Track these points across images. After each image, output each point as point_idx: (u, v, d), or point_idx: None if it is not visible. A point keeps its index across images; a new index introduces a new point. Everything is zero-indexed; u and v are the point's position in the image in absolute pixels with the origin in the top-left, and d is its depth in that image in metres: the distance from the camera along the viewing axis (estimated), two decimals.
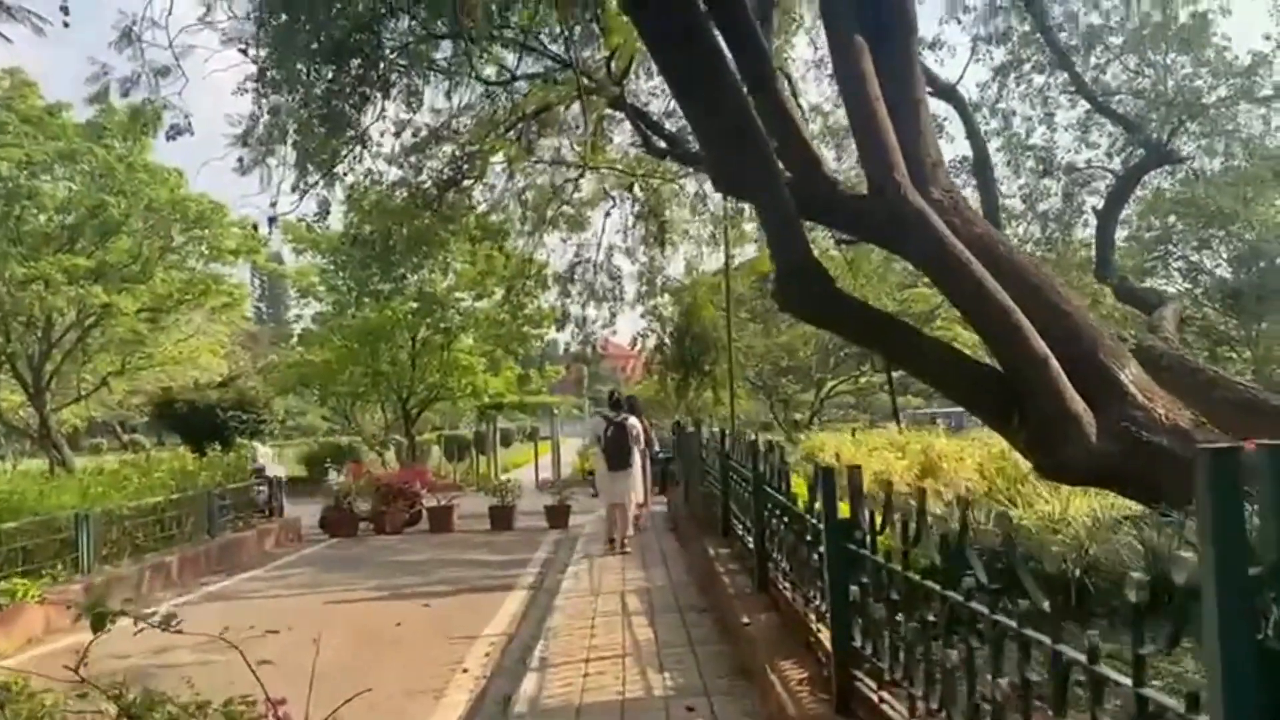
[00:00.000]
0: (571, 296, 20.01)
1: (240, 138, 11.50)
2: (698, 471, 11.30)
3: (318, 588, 11.11)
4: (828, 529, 4.08)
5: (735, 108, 5.26)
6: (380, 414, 33.12)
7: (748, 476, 6.91)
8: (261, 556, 14.00)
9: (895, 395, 16.62)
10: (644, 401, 28.20)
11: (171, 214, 28.11)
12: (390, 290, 19.24)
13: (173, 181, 28.29)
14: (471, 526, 16.65)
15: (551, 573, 11.37)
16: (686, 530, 11.64)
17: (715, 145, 5.82)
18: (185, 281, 29.29)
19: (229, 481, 14.56)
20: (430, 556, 13.47)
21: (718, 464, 9.41)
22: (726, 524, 8.64)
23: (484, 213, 19.60)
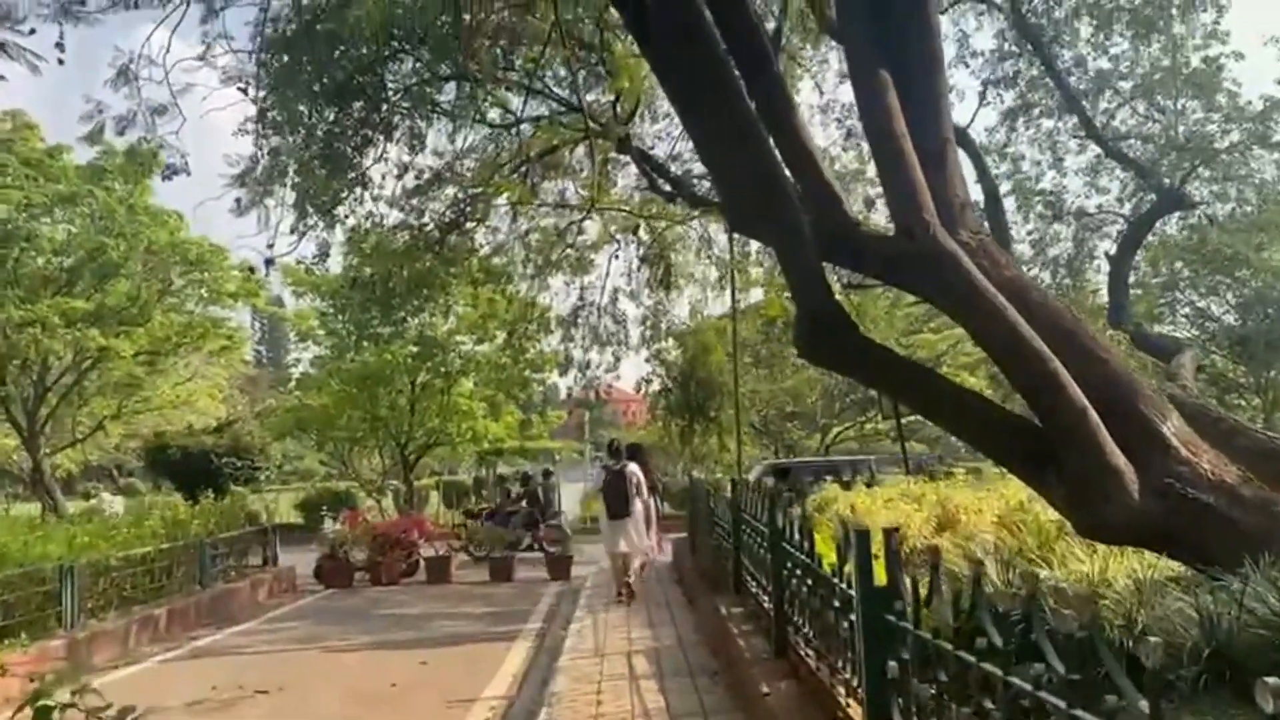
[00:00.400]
0: (575, 340, 19.74)
1: (238, 178, 11.29)
2: (706, 522, 10.93)
3: (310, 643, 10.69)
4: (862, 597, 3.73)
5: (751, 143, 4.99)
6: (378, 459, 32.73)
7: (763, 531, 6.56)
8: (254, 608, 13.56)
9: (904, 442, 16.30)
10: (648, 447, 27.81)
11: (171, 256, 27.94)
12: (390, 334, 18.97)
13: (173, 224, 28.16)
14: (470, 577, 16.22)
15: (554, 628, 10.96)
16: (694, 584, 11.23)
17: (731, 183, 5.55)
18: (184, 324, 29.06)
19: (222, 530, 14.16)
20: (427, 610, 13.04)
21: (728, 515, 9.04)
22: (738, 579, 8.26)
23: (486, 255, 19.40)
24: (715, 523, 10.20)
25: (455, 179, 18.17)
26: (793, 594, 5.64)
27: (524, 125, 17.27)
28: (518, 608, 12.74)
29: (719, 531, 9.85)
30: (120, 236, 27.20)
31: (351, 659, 9.53)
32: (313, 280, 25.05)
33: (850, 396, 26.72)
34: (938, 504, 10.25)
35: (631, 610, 10.64)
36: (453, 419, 25.89)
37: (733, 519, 8.43)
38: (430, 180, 18.14)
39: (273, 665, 9.41)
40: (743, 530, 8.01)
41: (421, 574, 16.31)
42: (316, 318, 25.94)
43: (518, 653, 9.45)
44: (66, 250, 27.54)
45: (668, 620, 9.69)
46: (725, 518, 9.31)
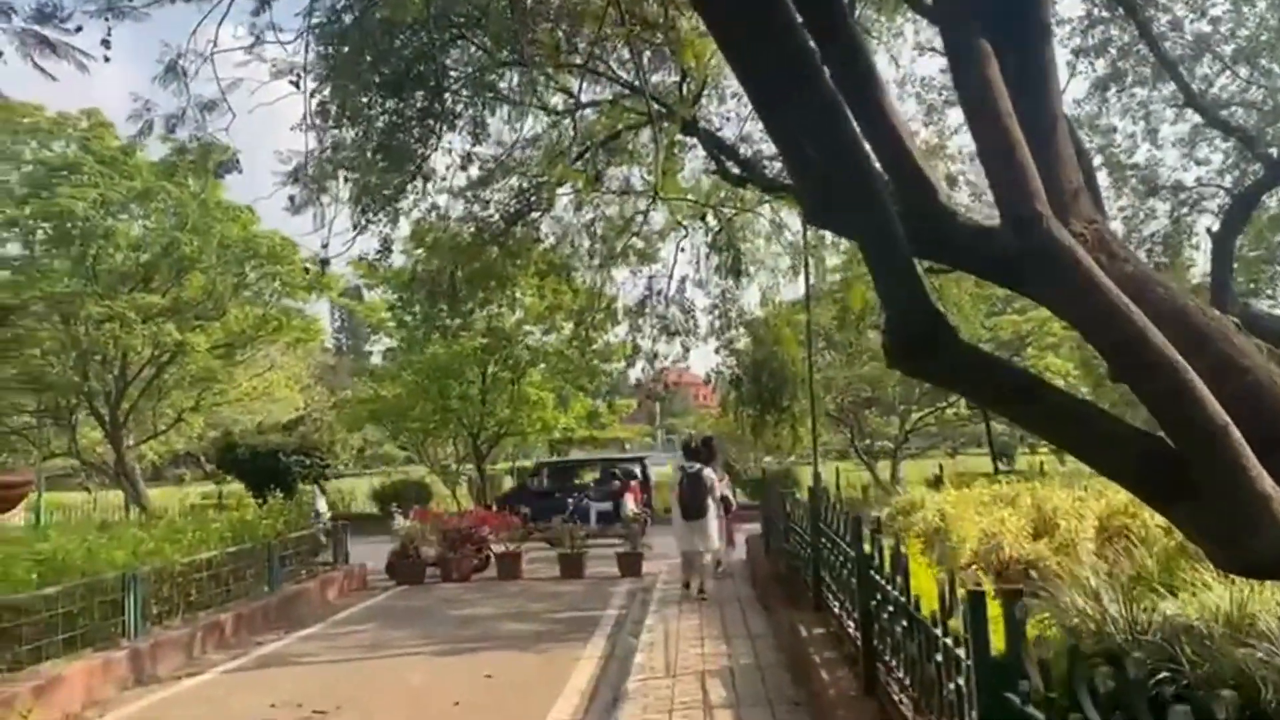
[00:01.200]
0: (642, 331, 19.22)
1: (291, 175, 10.98)
2: (780, 524, 10.37)
3: (376, 650, 10.41)
4: (979, 669, 3.16)
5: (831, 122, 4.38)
6: (453, 447, 32.73)
7: (849, 555, 5.99)
8: (323, 608, 13.39)
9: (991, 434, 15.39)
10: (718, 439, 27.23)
11: (244, 251, 28.15)
12: (458, 326, 18.73)
13: (245, 219, 28.34)
14: (540, 573, 15.90)
15: (623, 635, 10.52)
16: (769, 589, 10.69)
17: (806, 169, 4.94)
18: (258, 317, 29.29)
19: (291, 530, 14.02)
20: (496, 610, 12.71)
21: (806, 524, 8.48)
22: (818, 595, 7.71)
23: (551, 246, 18.99)
24: (791, 528, 9.65)
25: (518, 168, 17.78)
26: (883, 629, 5.08)
27: (586, 110, 16.77)
28: (587, 609, 12.34)
29: (795, 539, 9.31)
30: (194, 232, 27.47)
31: (416, 671, 9.20)
32: (382, 275, 25.01)
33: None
34: (1033, 507, 9.54)
35: (705, 617, 10.14)
36: (522, 409, 25.64)
37: (811, 529, 7.87)
38: (493, 170, 17.78)
39: (335, 677, 9.13)
40: (823, 545, 7.46)
41: (492, 569, 16.05)
42: (387, 310, 25.86)
43: (586, 665, 9.01)
44: (142, 246, 27.89)
45: (743, 631, 9.17)
46: (802, 524, 8.76)
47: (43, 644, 8.71)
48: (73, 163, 26.27)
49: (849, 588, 6.22)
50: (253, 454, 18.14)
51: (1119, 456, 4.74)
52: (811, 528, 7.84)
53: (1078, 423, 4.71)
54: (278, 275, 28.82)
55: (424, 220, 16.35)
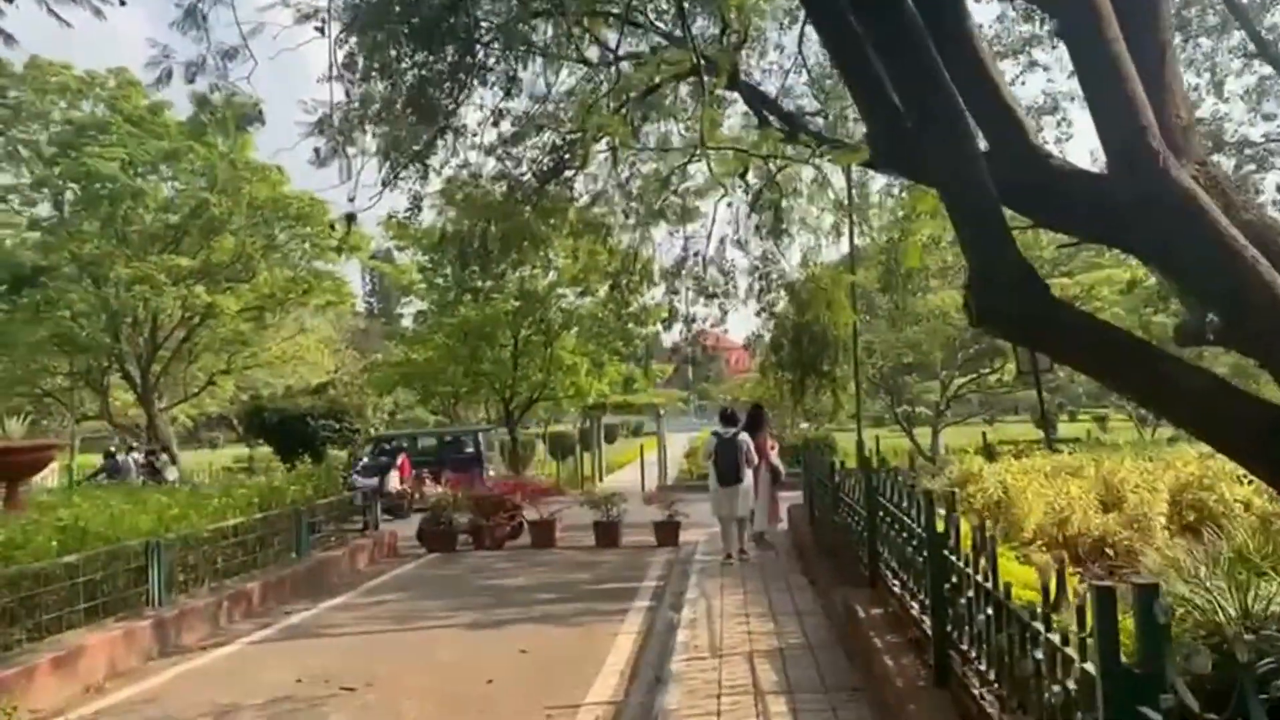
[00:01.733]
0: (679, 293, 18.69)
1: (316, 126, 10.50)
2: (827, 494, 9.88)
3: (406, 621, 10.08)
4: (1109, 677, 2.66)
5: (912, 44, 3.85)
6: (484, 411, 32.44)
7: (916, 534, 5.50)
8: (353, 576, 13.10)
9: (1044, 402, 14.77)
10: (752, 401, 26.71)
11: (273, 211, 27.86)
12: (490, 288, 18.28)
13: (274, 178, 28.01)
14: (575, 541, 15.54)
15: (662, 609, 10.11)
16: (815, 562, 10.22)
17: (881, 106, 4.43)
18: (288, 280, 29.05)
19: (320, 496, 13.71)
20: (530, 580, 12.35)
21: (859, 495, 7.99)
22: (874, 572, 7.23)
23: (586, 205, 18.47)
24: (840, 498, 9.16)
25: (552, 123, 17.23)
26: (960, 616, 4.59)
27: (623, 63, 16.14)
28: (625, 580, 11.94)
29: (845, 510, 8.82)
30: (223, 192, 27.20)
31: (447, 645, 8.83)
32: (413, 235, 24.57)
33: (974, 347, 25.04)
34: (1098, 479, 8.99)
35: (749, 591, 9.69)
36: (556, 373, 25.23)
37: (867, 503, 7.36)
38: (526, 125, 17.25)
39: (364, 651, 8.79)
40: (882, 519, 6.96)
41: (526, 536, 15.72)
42: (419, 272, 25.49)
43: (624, 641, 8.61)
44: (171, 207, 27.69)
45: (790, 608, 8.71)
46: (854, 496, 8.27)
47: (64, 613, 8.42)
48: (101, 122, 26.02)
49: (914, 567, 5.73)
50: (281, 418, 17.80)
51: (1242, 430, 4.21)
52: (867, 500, 7.34)
53: (1199, 395, 4.16)
54: (307, 237, 28.56)
55: (455, 178, 15.86)
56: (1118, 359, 4.09)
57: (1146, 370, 4.06)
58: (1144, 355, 4.09)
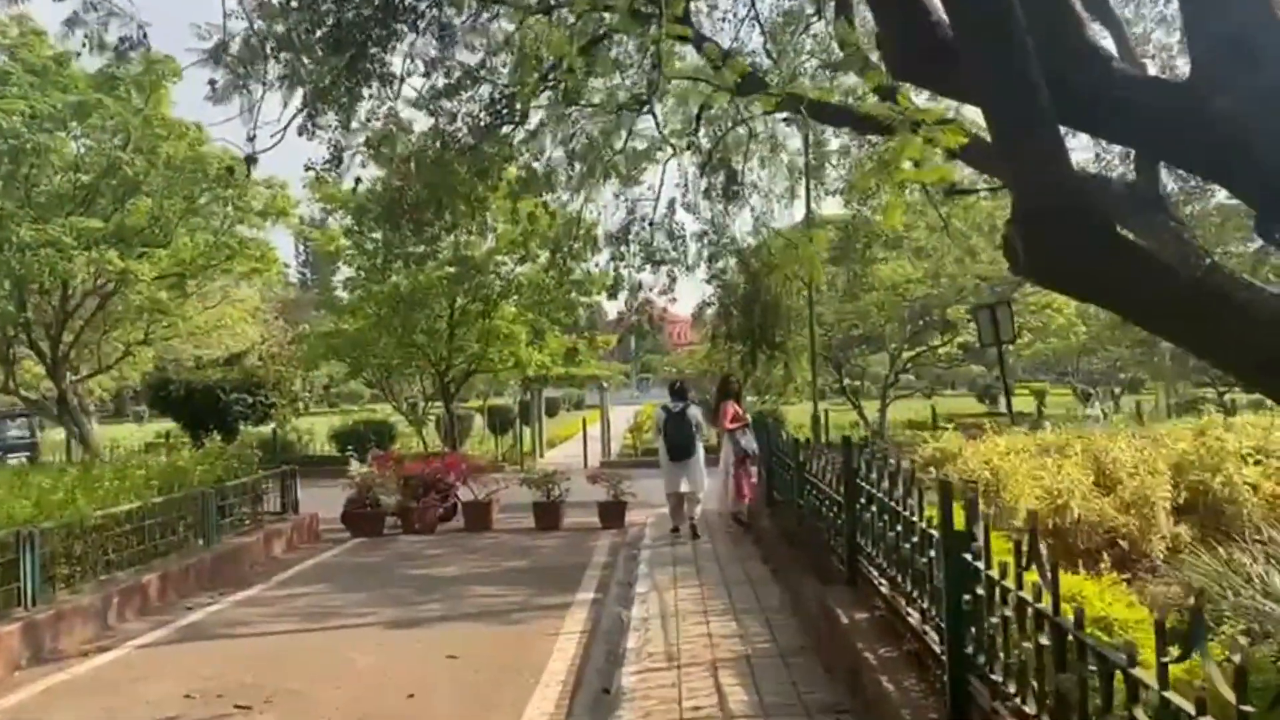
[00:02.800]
0: (625, 259, 17.65)
1: (211, 54, 9.22)
2: (793, 477, 8.97)
3: (320, 620, 8.99)
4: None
5: None
6: (419, 385, 31.13)
7: (918, 529, 4.58)
8: (268, 565, 11.96)
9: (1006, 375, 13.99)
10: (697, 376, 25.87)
11: (192, 172, 26.13)
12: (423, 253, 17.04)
13: (193, 136, 26.29)
14: (513, 523, 14.53)
15: (609, 601, 9.18)
16: (777, 550, 9.33)
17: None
18: (209, 245, 27.38)
19: (232, 476, 12.50)
20: (462, 569, 11.32)
21: (833, 478, 7.08)
22: (852, 567, 6.33)
23: (526, 164, 17.34)
24: (808, 480, 8.25)
25: (489, 76, 16.06)
26: (988, 638, 3.67)
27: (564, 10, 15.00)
28: (567, 568, 10.97)
29: (814, 493, 7.91)
30: (137, 151, 25.46)
31: (365, 649, 7.77)
32: (341, 196, 23.11)
33: (924, 319, 24.38)
34: (1087, 458, 8.19)
35: (705, 584, 8.77)
36: (494, 345, 24.05)
37: (845, 488, 6.45)
38: (462, 78, 16.07)
39: (269, 656, 7.70)
40: (864, 506, 6.05)
41: (460, 519, 14.66)
42: (347, 236, 24.02)
43: (567, 644, 7.63)
44: (81, 166, 25.84)
45: (753, 604, 7.80)
46: (826, 478, 7.36)
47: None
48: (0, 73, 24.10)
49: (912, 568, 4.82)
50: (188, 391, 16.12)
51: None
52: (846, 485, 6.42)
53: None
54: (229, 200, 26.87)
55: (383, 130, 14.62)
56: (1194, 299, 3.19)
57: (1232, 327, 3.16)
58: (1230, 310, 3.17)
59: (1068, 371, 52.77)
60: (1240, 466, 7.47)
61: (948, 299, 23.25)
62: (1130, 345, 30.29)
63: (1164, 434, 8.85)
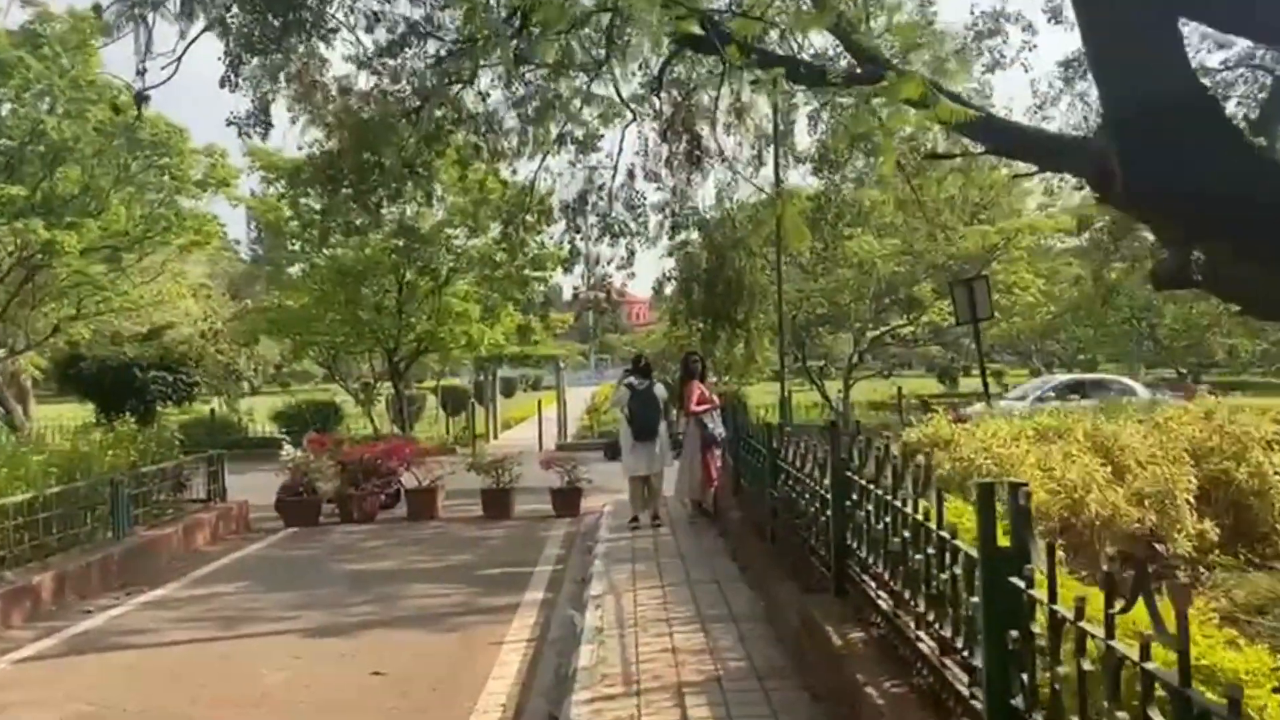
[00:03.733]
0: (582, 231, 16.67)
1: None
2: (764, 465, 8.07)
3: (234, 625, 7.97)
4: None
5: None
6: (368, 364, 29.92)
7: (950, 545, 3.68)
8: (187, 559, 10.88)
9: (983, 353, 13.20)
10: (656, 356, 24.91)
11: (125, 138, 24.64)
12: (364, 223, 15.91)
13: (124, 100, 24.81)
14: (460, 511, 13.58)
15: (561, 599, 8.27)
16: (746, 545, 8.45)
17: None
18: (144, 217, 25.94)
19: (149, 461, 11.39)
20: (400, 563, 10.34)
21: (814, 469, 6.20)
22: (841, 572, 5.44)
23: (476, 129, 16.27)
24: (782, 468, 7.36)
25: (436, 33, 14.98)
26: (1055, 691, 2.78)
27: None
28: (515, 563, 10.04)
29: (790, 483, 7.02)
30: (66, 116, 23.97)
31: (279, 662, 6.77)
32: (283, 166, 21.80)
33: (889, 297, 23.64)
34: (1091, 444, 7.37)
35: (668, 585, 7.86)
36: (445, 322, 22.94)
37: (833, 481, 5.56)
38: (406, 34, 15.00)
39: (165, 672, 6.69)
40: (855, 504, 5.16)
41: (404, 507, 13.65)
42: (288, 206, 22.67)
43: (511, 655, 6.70)
44: (3, 131, 24.29)
45: (721, 610, 6.91)
46: (806, 468, 6.47)
47: None
48: None
49: (927, 584, 3.93)
50: (100, 369, 14.61)
51: None
52: (833, 477, 5.53)
53: None
54: (167, 168, 25.43)
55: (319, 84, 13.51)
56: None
57: None
58: None
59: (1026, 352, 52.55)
60: (1268, 454, 6.69)
61: (915, 277, 22.52)
62: (1094, 326, 29.88)
63: (1168, 418, 8.05)
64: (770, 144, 15.57)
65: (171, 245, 27.72)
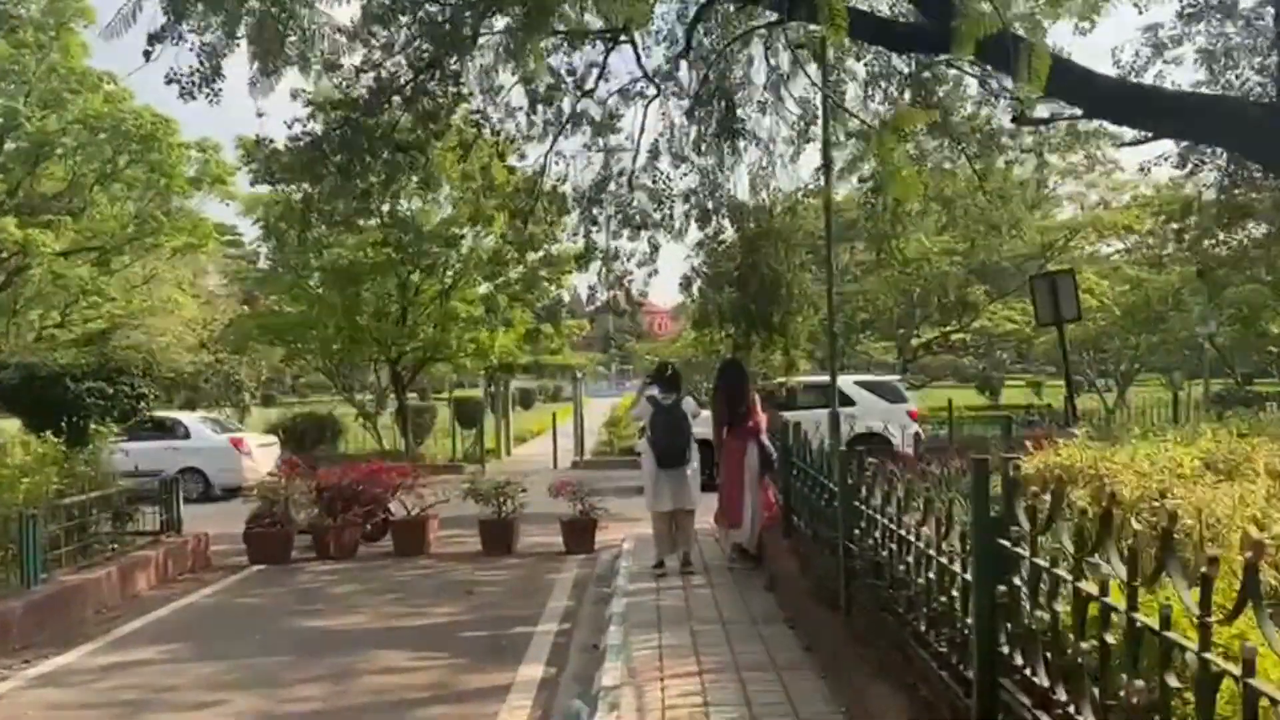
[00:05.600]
0: (599, 224, 14.73)
1: None
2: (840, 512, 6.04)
3: (137, 712, 6.06)
4: None
5: None
6: (374, 376, 28.06)
7: None
8: (123, 607, 9.01)
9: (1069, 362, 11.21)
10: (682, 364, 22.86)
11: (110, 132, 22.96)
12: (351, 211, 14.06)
13: (117, 93, 23.16)
14: (456, 545, 11.72)
15: (566, 678, 6.32)
16: (811, 620, 6.43)
17: None
18: (130, 216, 24.27)
19: (79, 490, 9.50)
20: (372, 620, 8.39)
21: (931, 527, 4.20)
22: (989, 693, 3.44)
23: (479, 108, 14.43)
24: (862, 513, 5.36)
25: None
26: None
27: None
28: (512, 621, 8.09)
29: (880, 542, 5.01)
30: (47, 107, 22.33)
31: None
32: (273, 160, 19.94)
33: (942, 299, 21.52)
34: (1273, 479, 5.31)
35: (706, 667, 5.87)
36: (451, 329, 21.04)
37: (980, 554, 3.55)
38: None
39: None
40: (1037, 600, 3.17)
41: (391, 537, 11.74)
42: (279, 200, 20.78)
43: None
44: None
45: (784, 708, 4.91)
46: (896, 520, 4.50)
47: None
48: None
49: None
50: (25, 378, 12.72)
51: None
52: (980, 546, 3.52)
53: None
54: (153, 165, 23.70)
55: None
56: None
57: None
58: None
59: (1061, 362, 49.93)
60: None
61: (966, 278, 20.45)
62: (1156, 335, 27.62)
63: None
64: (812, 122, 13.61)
65: (164, 248, 26.09)
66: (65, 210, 23.31)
